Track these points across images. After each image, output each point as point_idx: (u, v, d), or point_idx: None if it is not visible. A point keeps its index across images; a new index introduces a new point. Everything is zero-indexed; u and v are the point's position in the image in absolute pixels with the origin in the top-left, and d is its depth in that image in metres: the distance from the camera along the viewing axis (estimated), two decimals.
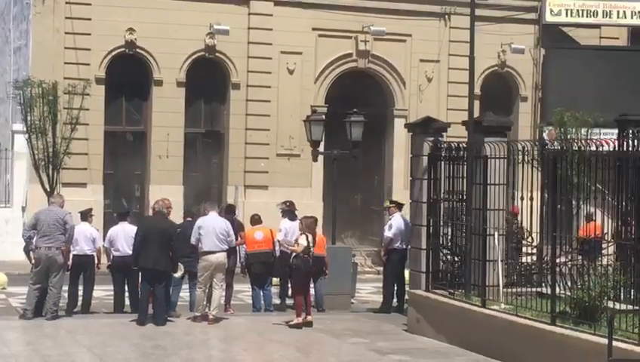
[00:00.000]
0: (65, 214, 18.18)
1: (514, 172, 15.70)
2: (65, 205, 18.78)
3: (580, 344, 13.22)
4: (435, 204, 17.74)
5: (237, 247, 19.94)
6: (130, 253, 18.43)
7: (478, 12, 20.89)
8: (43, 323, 17.76)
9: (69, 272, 19.00)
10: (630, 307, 13.41)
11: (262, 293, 20.52)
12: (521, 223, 17.25)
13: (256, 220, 20.92)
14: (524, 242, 17.13)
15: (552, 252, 14.61)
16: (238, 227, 20.15)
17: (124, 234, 19.35)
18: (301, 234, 18.14)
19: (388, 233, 20.58)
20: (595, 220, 17.62)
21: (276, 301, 21.04)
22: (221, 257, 18.25)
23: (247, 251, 20.40)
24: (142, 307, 18.04)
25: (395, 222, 20.57)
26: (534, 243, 16.39)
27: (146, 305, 18.01)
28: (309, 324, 18.00)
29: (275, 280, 21.19)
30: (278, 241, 20.18)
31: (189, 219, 20.20)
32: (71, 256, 18.85)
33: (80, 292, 19.51)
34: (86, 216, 19.98)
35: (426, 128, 18.53)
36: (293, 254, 17.95)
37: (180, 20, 31.09)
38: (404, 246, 20.22)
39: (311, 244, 17.95)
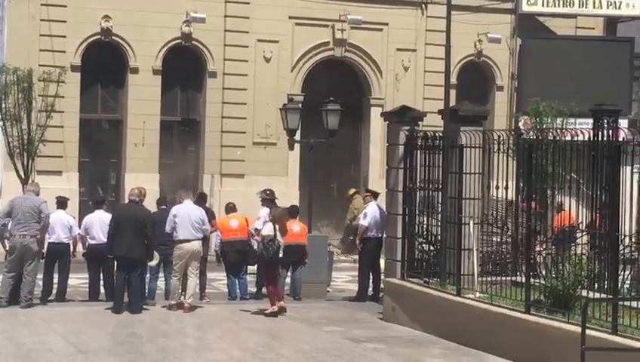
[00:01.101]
0: (40, 202, 18.10)
1: (489, 161, 15.74)
2: (40, 193, 18.68)
3: (553, 332, 13.31)
4: (410, 192, 17.78)
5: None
6: (106, 240, 18.38)
7: (455, 1, 20.91)
8: (18, 311, 17.70)
9: (43, 260, 18.93)
10: (604, 296, 13.50)
11: (237, 282, 20.51)
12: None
13: (231, 208, 20.91)
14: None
15: (527, 241, 14.69)
16: (210, 215, 20.12)
17: (100, 222, 19.28)
18: (270, 222, 18.23)
19: (363, 221, 20.63)
20: (564, 210, 17.68)
21: (252, 289, 21.04)
22: (196, 245, 18.26)
23: (222, 239, 20.38)
24: (117, 295, 18.01)
25: (370, 211, 20.60)
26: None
27: (121, 293, 17.98)
28: (282, 310, 18.02)
29: (251, 268, 21.18)
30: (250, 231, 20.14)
31: (164, 207, 20.21)
32: (46, 244, 18.78)
33: (55, 281, 19.45)
34: (63, 203, 19.89)
35: (402, 117, 18.56)
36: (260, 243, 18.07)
37: (156, 8, 30.97)
38: (379, 235, 20.26)
39: (278, 234, 17.98)
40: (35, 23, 30.17)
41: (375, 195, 21.34)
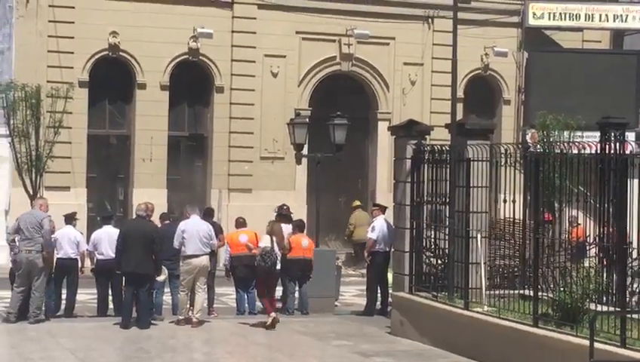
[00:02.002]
0: (43, 217, 18.05)
1: (497, 175, 15.75)
2: (49, 208, 18.70)
3: (561, 345, 13.28)
4: (418, 206, 17.78)
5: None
6: (114, 256, 18.40)
7: (461, 15, 21.06)
8: (26, 327, 17.72)
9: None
10: (612, 309, 13.48)
11: (246, 296, 20.52)
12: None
13: (240, 223, 20.93)
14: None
15: (535, 254, 14.68)
16: (217, 230, 20.15)
17: (108, 237, 19.29)
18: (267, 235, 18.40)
19: (371, 235, 20.63)
20: (579, 224, 17.64)
21: (260, 304, 21.01)
22: (204, 260, 18.29)
23: (231, 254, 20.41)
24: (125, 310, 18.02)
25: (378, 225, 20.61)
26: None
27: (129, 309, 17.99)
28: (274, 323, 18.04)
29: None
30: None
31: (167, 222, 20.27)
32: (55, 260, 18.79)
33: (63, 296, 19.47)
34: (70, 219, 19.93)
35: (409, 131, 18.56)
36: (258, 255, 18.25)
37: (164, 24, 31.06)
38: (387, 249, 20.27)
39: (276, 247, 18.12)
40: (42, 39, 30.26)
41: (383, 209, 21.34)
